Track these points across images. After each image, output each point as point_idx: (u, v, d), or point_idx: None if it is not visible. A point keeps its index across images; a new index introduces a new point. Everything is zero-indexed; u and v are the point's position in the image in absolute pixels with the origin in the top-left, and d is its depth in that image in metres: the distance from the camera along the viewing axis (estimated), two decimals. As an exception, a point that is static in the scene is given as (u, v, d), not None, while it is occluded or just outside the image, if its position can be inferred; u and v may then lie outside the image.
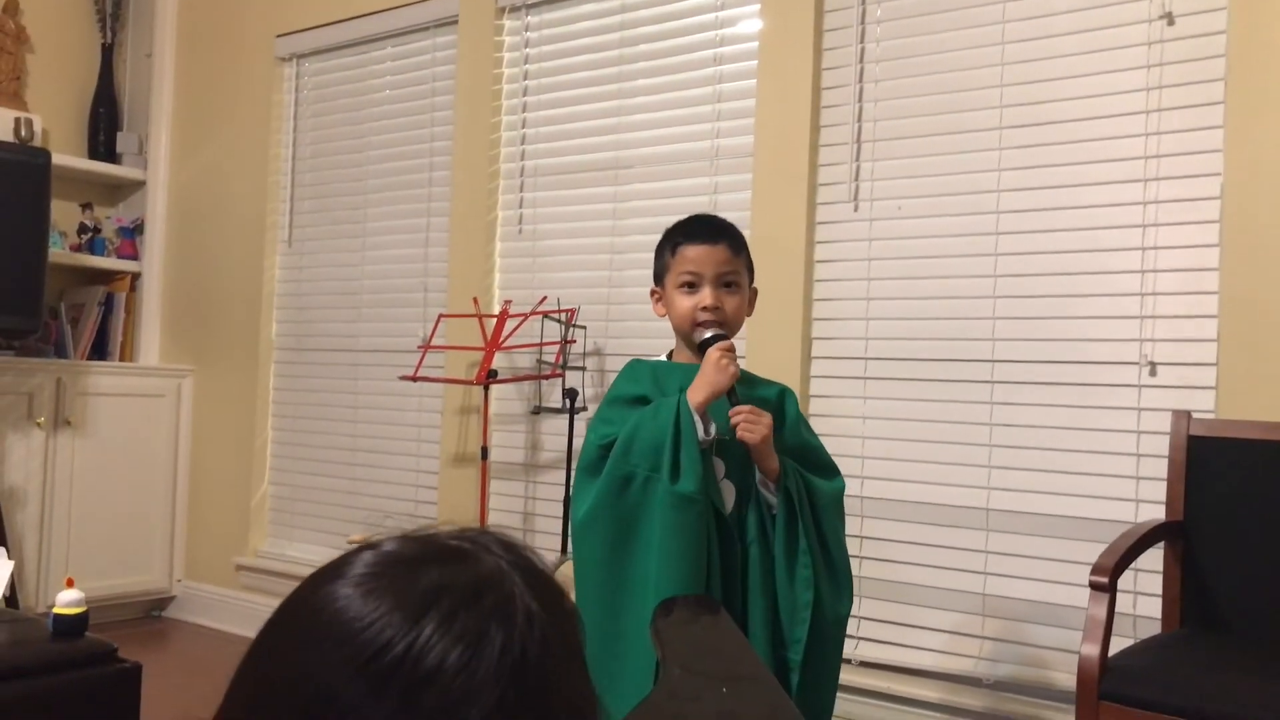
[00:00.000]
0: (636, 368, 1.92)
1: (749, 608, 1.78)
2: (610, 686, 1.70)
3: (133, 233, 4.22)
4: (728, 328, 1.84)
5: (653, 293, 1.94)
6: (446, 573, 0.58)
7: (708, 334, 1.81)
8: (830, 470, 1.88)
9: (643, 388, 1.85)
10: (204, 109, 4.18)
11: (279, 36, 3.95)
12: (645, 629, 1.67)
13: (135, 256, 4.21)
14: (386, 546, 0.60)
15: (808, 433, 1.91)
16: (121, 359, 4.13)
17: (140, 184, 4.23)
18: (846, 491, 2.63)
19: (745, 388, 1.84)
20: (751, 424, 1.75)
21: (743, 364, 2.76)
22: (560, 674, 0.58)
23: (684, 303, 1.84)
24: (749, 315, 1.92)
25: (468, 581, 0.58)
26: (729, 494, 1.80)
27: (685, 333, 1.86)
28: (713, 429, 1.77)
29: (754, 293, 1.93)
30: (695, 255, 1.84)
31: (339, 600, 0.56)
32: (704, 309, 1.82)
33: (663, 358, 1.95)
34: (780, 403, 1.89)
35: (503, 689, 0.54)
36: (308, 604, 0.58)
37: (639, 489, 1.73)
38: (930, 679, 2.53)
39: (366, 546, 0.61)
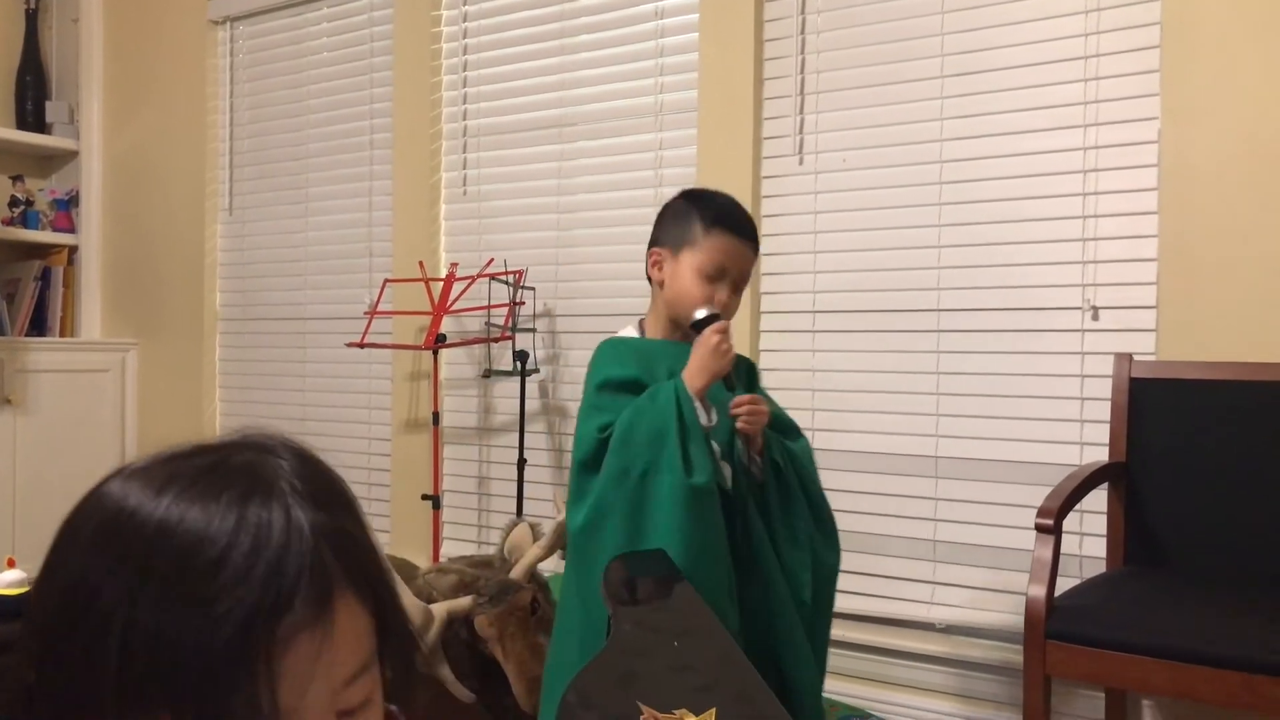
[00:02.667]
0: (619, 348, 1.82)
1: (769, 578, 1.74)
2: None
3: (67, 205, 4.12)
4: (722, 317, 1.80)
5: (654, 253, 1.83)
6: (205, 460, 0.60)
7: (703, 313, 1.74)
8: (795, 431, 1.88)
9: (631, 370, 1.75)
10: (136, 75, 4.07)
11: (210, -2, 3.85)
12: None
13: (71, 229, 4.11)
14: (185, 465, 0.61)
15: (771, 402, 1.88)
16: (62, 334, 4.04)
17: (73, 154, 4.12)
18: (798, 444, 2.68)
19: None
20: (755, 417, 1.71)
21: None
22: (327, 565, 0.59)
23: (698, 290, 1.75)
24: None
25: (226, 467, 0.60)
26: (727, 474, 1.76)
27: (682, 310, 1.78)
28: (714, 415, 1.71)
29: None
30: (731, 249, 1.76)
31: (103, 488, 0.61)
32: (718, 305, 1.76)
33: (632, 331, 1.89)
34: (748, 373, 1.87)
35: (251, 566, 0.56)
36: (83, 500, 0.61)
37: (638, 484, 1.64)
38: (883, 625, 2.57)
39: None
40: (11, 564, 2.07)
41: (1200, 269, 2.21)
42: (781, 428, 1.85)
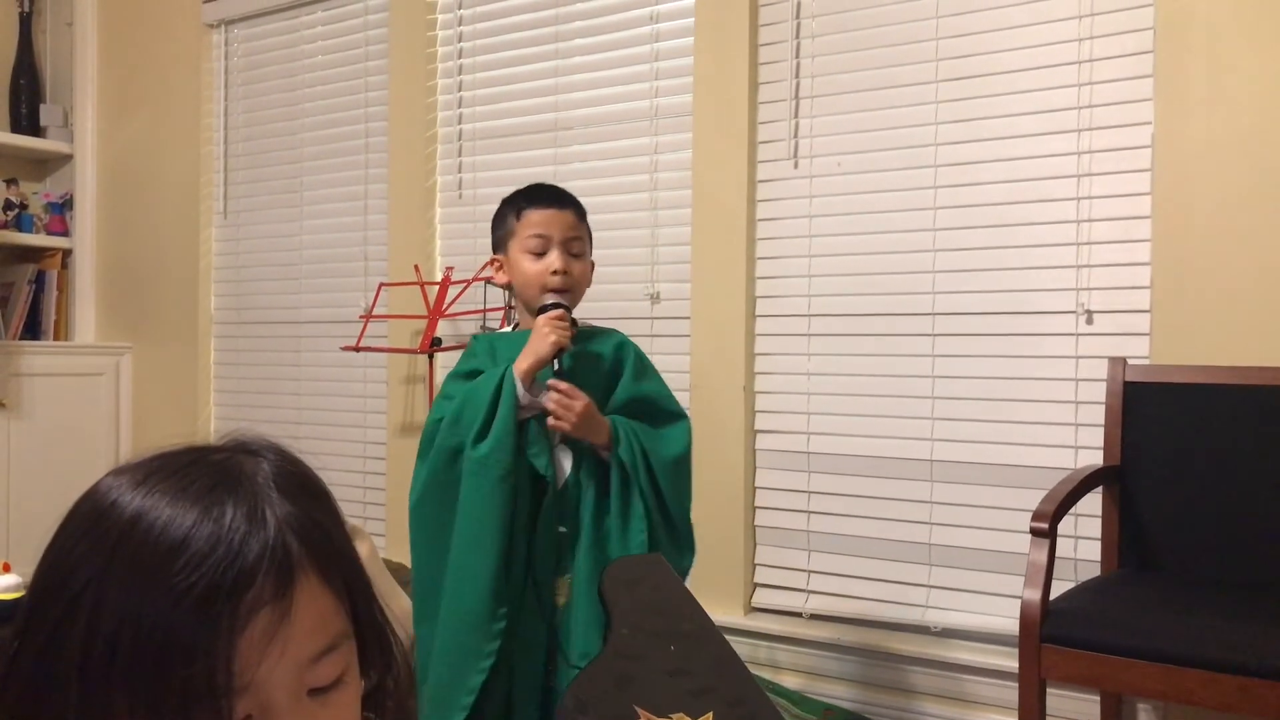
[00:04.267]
0: (476, 342, 1.92)
1: (575, 574, 1.77)
2: (426, 665, 1.73)
3: (62, 208, 4.11)
4: (575, 293, 1.84)
5: (493, 261, 1.91)
6: (187, 458, 0.65)
7: (548, 300, 1.80)
8: (672, 416, 1.87)
9: (478, 361, 1.84)
10: (130, 79, 4.07)
11: (206, 2, 3.85)
12: (457, 610, 1.69)
13: (65, 232, 4.11)
14: (169, 464, 0.65)
15: (649, 382, 1.89)
16: (56, 338, 4.03)
17: (67, 157, 4.12)
18: (791, 448, 2.68)
19: (581, 343, 1.84)
20: (564, 409, 1.73)
21: (680, 325, 2.77)
22: (298, 567, 0.62)
23: (532, 267, 1.82)
24: (589, 285, 1.91)
25: (204, 463, 0.64)
26: (565, 460, 1.79)
27: (532, 297, 1.84)
28: (542, 397, 1.75)
29: (592, 265, 1.92)
30: (543, 218, 1.83)
31: (98, 482, 0.65)
32: (554, 273, 1.80)
33: (508, 329, 1.94)
34: (616, 356, 1.88)
35: (212, 549, 0.59)
36: (83, 493, 0.65)
37: (460, 460, 1.74)
38: (879, 628, 2.57)
39: None
40: (6, 568, 2.06)
41: (1194, 273, 2.22)
42: (656, 414, 1.85)
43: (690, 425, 1.89)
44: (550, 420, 1.74)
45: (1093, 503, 2.23)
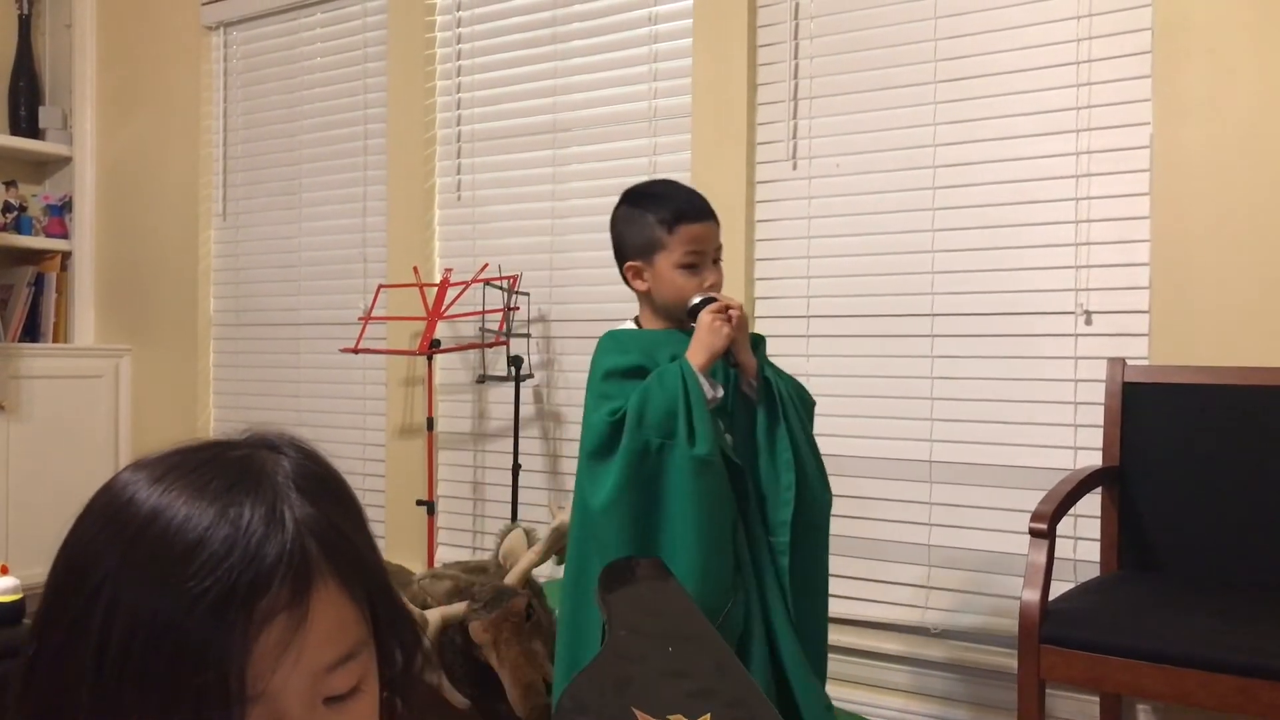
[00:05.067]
0: (620, 339, 1.86)
1: (747, 508, 1.77)
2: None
3: (61, 210, 4.11)
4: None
5: (630, 268, 1.85)
6: (206, 454, 0.63)
7: (696, 299, 1.79)
8: (805, 393, 1.92)
9: (635, 358, 1.80)
10: (129, 81, 4.07)
11: (205, 4, 3.85)
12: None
13: (65, 235, 4.11)
14: (188, 461, 0.64)
15: (776, 370, 1.90)
16: (55, 340, 4.03)
17: (66, 160, 4.12)
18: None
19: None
20: (735, 311, 1.75)
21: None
22: (318, 564, 0.61)
23: (687, 284, 1.80)
24: None
25: (222, 460, 0.63)
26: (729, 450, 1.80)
27: (678, 309, 1.82)
28: (719, 390, 1.76)
29: None
30: (699, 234, 1.80)
31: (116, 476, 0.63)
32: (709, 287, 1.80)
33: (630, 326, 1.92)
34: (755, 347, 1.88)
35: (228, 551, 0.58)
36: (100, 487, 0.64)
37: (655, 459, 1.70)
38: (877, 630, 2.57)
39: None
40: (4, 571, 2.06)
41: (1193, 273, 2.22)
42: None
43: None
44: (732, 314, 1.74)
45: (1092, 503, 2.22)
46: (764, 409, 1.79)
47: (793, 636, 1.76)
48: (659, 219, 1.81)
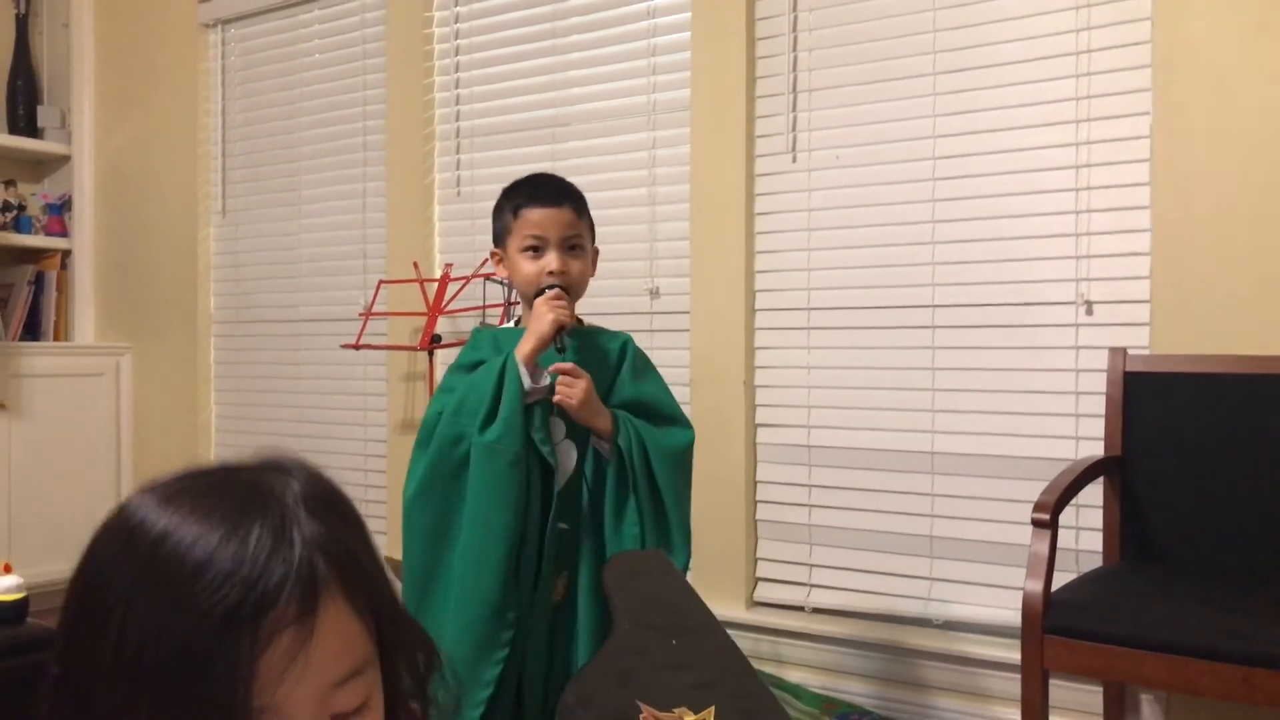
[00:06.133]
0: (478, 335, 1.91)
1: (579, 565, 1.78)
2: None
3: (60, 209, 4.11)
4: (573, 291, 1.82)
5: (493, 254, 1.91)
6: (215, 477, 0.65)
7: (544, 285, 1.79)
8: (676, 422, 1.86)
9: (481, 353, 1.83)
10: (128, 79, 4.06)
11: (202, 2, 3.84)
12: (472, 599, 1.68)
13: (64, 233, 4.10)
14: (198, 483, 0.65)
15: (652, 385, 1.88)
16: (56, 339, 4.03)
17: (65, 158, 4.11)
18: (792, 441, 2.68)
19: (585, 338, 1.84)
20: (568, 385, 1.73)
21: (679, 320, 2.76)
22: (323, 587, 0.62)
23: (529, 267, 1.81)
24: (592, 276, 1.90)
25: (231, 481, 0.65)
26: (569, 454, 1.79)
27: (530, 296, 1.83)
28: (544, 379, 1.75)
29: (595, 253, 1.91)
30: (539, 218, 1.81)
31: (128, 499, 0.65)
32: (550, 273, 1.80)
33: (509, 324, 1.94)
34: (621, 353, 1.88)
35: (235, 569, 0.59)
36: (112, 510, 0.65)
37: (466, 448, 1.72)
38: (881, 621, 2.57)
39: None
40: (8, 569, 2.06)
41: (1193, 263, 2.22)
42: (658, 418, 1.84)
43: (692, 432, 1.86)
44: (557, 395, 1.73)
45: (1093, 493, 2.22)
46: (614, 480, 1.77)
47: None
48: (510, 205, 1.86)
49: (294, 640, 0.59)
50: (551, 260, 1.80)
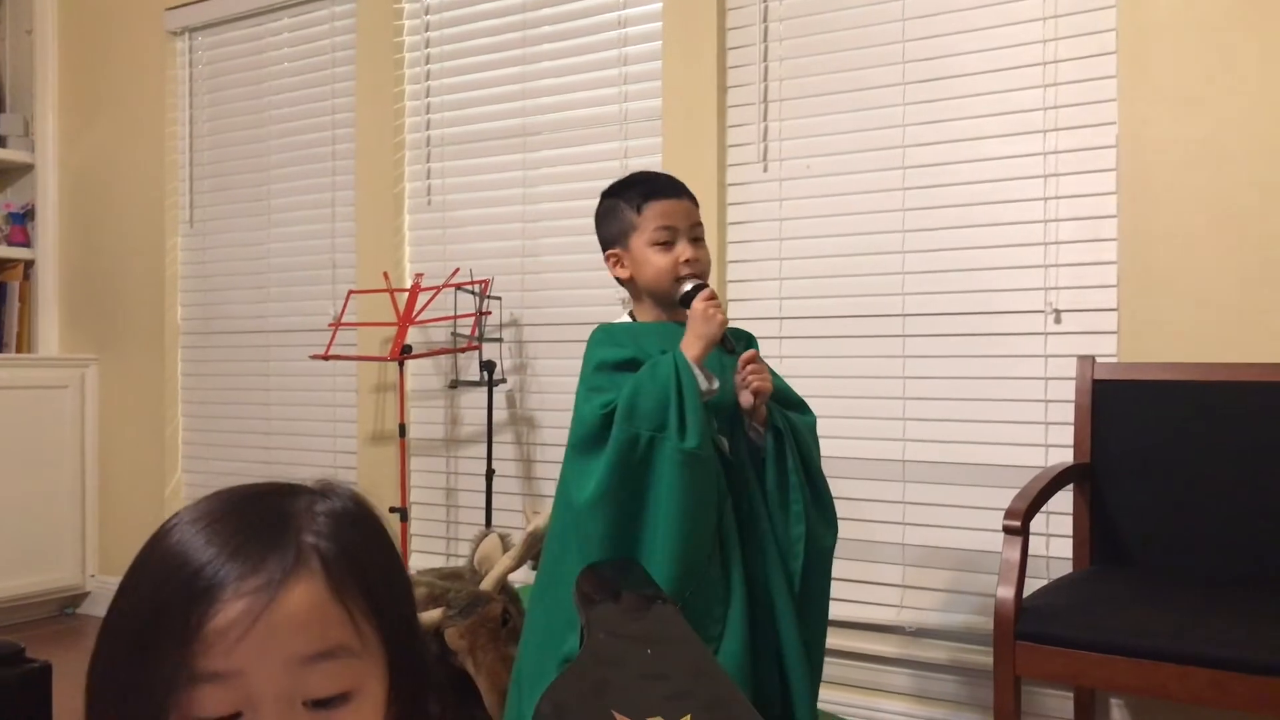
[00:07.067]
0: (613, 331, 1.85)
1: (764, 550, 1.76)
2: None
3: (23, 218, 4.05)
4: (705, 278, 1.82)
5: (610, 256, 1.86)
6: (247, 490, 0.68)
7: (688, 286, 1.78)
8: (801, 406, 1.88)
9: (627, 350, 1.78)
10: (93, 87, 4.02)
11: (168, 9, 3.81)
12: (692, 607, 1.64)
13: (27, 243, 4.05)
14: (233, 489, 0.68)
15: (776, 376, 1.88)
16: (18, 350, 3.97)
17: (29, 167, 4.06)
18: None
19: (737, 336, 1.84)
20: (761, 375, 1.74)
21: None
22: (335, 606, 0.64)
23: (661, 260, 1.79)
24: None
25: (255, 494, 0.67)
26: (725, 446, 1.79)
27: (664, 290, 1.81)
28: (715, 381, 1.74)
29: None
30: (667, 209, 1.81)
31: (170, 532, 0.67)
32: (685, 262, 1.79)
33: (624, 319, 1.91)
34: (749, 345, 1.87)
35: (216, 557, 0.62)
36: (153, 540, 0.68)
37: (644, 451, 1.67)
38: (853, 629, 2.58)
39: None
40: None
41: (1159, 271, 2.24)
42: (788, 403, 1.85)
43: (814, 415, 1.89)
44: (756, 384, 1.72)
45: (1063, 500, 2.24)
46: (774, 464, 1.77)
47: (802, 663, 1.76)
48: (628, 202, 1.83)
49: (253, 603, 0.60)
50: (685, 249, 1.79)
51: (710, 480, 1.69)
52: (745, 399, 1.75)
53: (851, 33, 2.62)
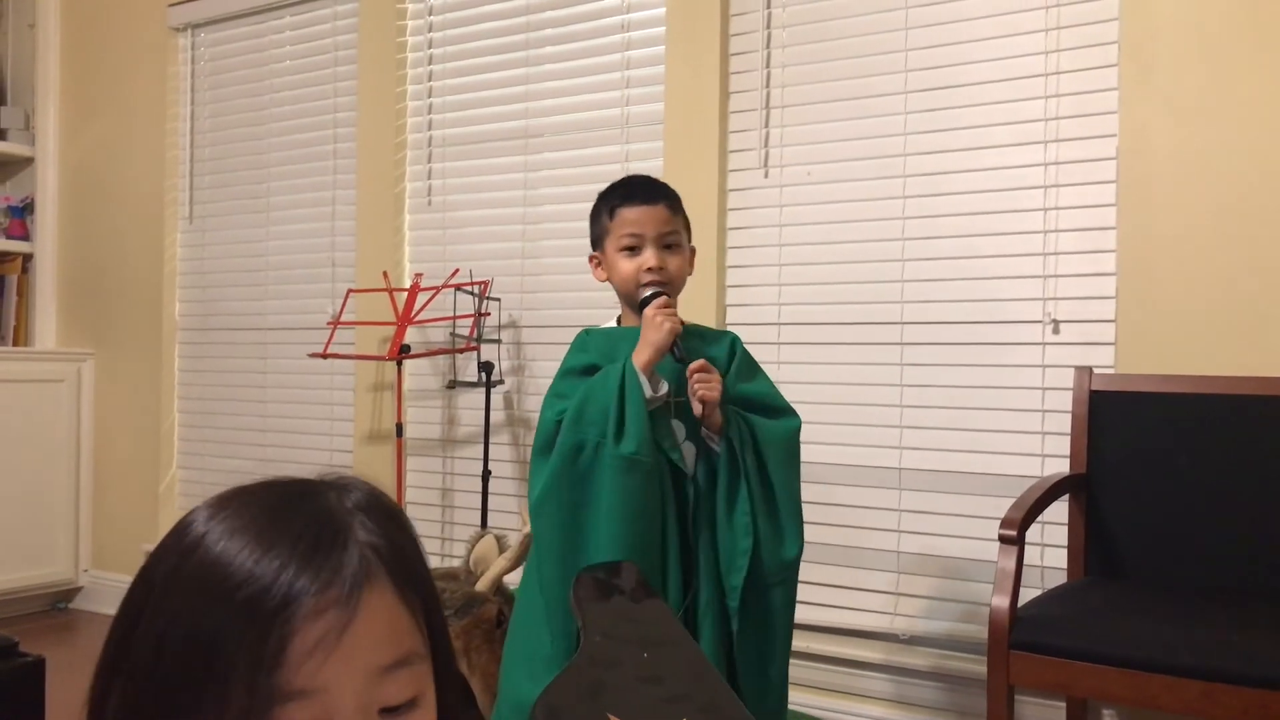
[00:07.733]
0: (585, 337, 1.88)
1: (698, 558, 1.76)
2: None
3: (22, 212, 4.05)
4: (671, 288, 1.83)
5: (591, 258, 1.91)
6: (272, 488, 0.66)
7: (646, 293, 1.80)
8: (784, 412, 1.87)
9: (592, 356, 1.82)
10: (94, 82, 4.01)
11: (171, 5, 3.81)
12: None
13: (26, 237, 4.04)
14: (251, 489, 0.66)
15: (761, 381, 1.89)
16: (15, 344, 3.97)
17: (28, 161, 4.06)
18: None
19: (695, 342, 1.84)
20: (706, 382, 1.74)
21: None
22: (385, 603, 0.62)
23: (626, 266, 1.82)
24: (689, 274, 1.90)
25: (284, 493, 0.65)
26: (689, 455, 1.79)
27: (631, 296, 1.84)
28: (663, 387, 1.75)
29: (693, 251, 1.91)
30: (635, 216, 1.83)
31: (192, 510, 0.65)
32: (648, 270, 1.81)
33: (612, 324, 1.93)
34: (730, 352, 1.88)
35: (278, 569, 0.59)
36: (177, 538, 0.64)
37: (590, 456, 1.70)
38: (846, 636, 2.58)
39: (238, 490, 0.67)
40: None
41: (1158, 283, 2.25)
42: (766, 408, 1.84)
43: (799, 419, 1.87)
44: (700, 393, 1.72)
45: (1059, 510, 2.25)
46: (725, 470, 1.77)
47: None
48: (606, 206, 1.87)
49: (336, 619, 0.58)
50: (649, 257, 1.81)
51: (653, 487, 1.70)
52: (696, 408, 1.76)
53: (854, 41, 2.62)
